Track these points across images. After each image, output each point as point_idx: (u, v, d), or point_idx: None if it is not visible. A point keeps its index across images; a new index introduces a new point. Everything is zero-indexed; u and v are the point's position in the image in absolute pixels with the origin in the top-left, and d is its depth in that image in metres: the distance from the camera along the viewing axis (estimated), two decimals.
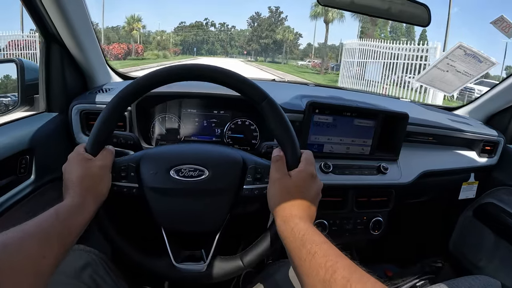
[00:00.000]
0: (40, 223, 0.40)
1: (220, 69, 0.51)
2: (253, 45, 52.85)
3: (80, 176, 0.48)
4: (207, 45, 56.58)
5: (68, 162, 0.50)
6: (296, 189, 0.48)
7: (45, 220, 0.40)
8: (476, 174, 1.09)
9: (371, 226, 0.87)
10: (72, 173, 0.48)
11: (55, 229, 0.40)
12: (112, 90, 0.86)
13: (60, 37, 0.78)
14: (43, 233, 0.39)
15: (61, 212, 0.42)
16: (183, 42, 52.93)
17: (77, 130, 0.81)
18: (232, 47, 59.25)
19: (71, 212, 0.44)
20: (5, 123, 0.73)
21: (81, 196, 0.46)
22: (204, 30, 56.62)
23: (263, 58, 52.23)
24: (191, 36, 55.00)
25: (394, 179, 0.86)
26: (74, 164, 0.49)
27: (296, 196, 0.48)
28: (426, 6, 0.79)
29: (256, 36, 52.44)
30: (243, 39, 56.62)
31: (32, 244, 0.37)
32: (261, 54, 54.30)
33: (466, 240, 1.19)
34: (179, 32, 53.28)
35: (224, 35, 58.69)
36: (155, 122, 0.82)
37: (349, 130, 0.81)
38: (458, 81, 1.12)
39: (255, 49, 53.03)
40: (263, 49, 52.54)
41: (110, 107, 0.50)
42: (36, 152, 0.72)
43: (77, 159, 0.49)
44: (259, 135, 0.83)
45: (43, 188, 0.75)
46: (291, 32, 49.15)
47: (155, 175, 0.51)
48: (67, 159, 0.51)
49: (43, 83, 0.81)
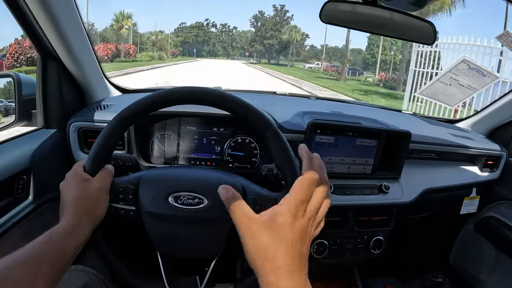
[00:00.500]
0: (31, 249, 0.40)
1: (226, 95, 0.50)
2: (256, 46, 48.93)
3: (77, 197, 0.47)
4: (208, 46, 54.44)
5: (66, 181, 0.50)
6: (276, 237, 0.37)
7: (37, 246, 0.41)
8: (478, 189, 1.08)
9: (371, 245, 0.86)
10: (69, 193, 0.48)
11: (47, 254, 0.41)
12: (110, 106, 0.84)
13: (56, 53, 0.77)
14: (34, 260, 0.39)
15: (54, 236, 0.42)
16: (183, 43, 51.11)
17: (75, 148, 0.80)
18: (233, 49, 56.69)
19: (65, 234, 0.43)
20: (3, 141, 0.72)
21: (77, 218, 0.45)
22: (204, 31, 54.67)
23: (267, 60, 48.98)
24: (191, 37, 53.06)
25: (396, 198, 0.85)
26: (71, 183, 0.48)
27: (277, 245, 0.36)
28: (431, 23, 0.78)
29: (260, 37, 48.38)
30: (245, 40, 53.63)
31: (21, 271, 0.38)
32: (265, 55, 50.62)
33: (467, 254, 1.18)
34: (180, 33, 51.52)
35: (226, 36, 56.28)
36: (154, 140, 0.81)
37: (350, 150, 0.80)
38: (461, 94, 1.11)
39: (259, 50, 49.14)
40: (267, 50, 48.62)
41: (111, 126, 0.49)
42: (34, 172, 0.71)
43: (75, 178, 0.49)
44: (259, 153, 0.82)
45: (41, 207, 0.74)
46: (298, 32, 45.19)
47: (153, 200, 0.51)
48: (65, 178, 0.50)
49: (40, 99, 0.80)
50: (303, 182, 0.40)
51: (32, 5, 0.64)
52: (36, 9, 0.65)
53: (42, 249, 0.41)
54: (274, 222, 0.37)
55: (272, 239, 0.36)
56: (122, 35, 32.08)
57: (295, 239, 0.37)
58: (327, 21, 0.73)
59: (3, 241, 0.62)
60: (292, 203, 0.38)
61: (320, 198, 0.41)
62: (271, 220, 0.37)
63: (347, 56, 29.00)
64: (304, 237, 0.38)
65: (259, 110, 0.51)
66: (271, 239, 0.36)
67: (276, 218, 0.37)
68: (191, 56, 49.45)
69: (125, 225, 0.56)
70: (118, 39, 31.96)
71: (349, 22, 0.75)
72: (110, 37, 38.52)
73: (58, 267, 0.41)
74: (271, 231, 0.36)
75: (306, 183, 0.39)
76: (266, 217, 0.38)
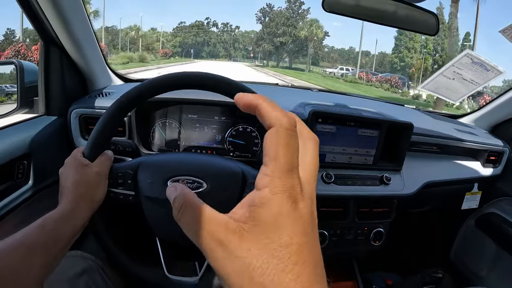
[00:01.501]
0: (24, 235, 0.40)
1: (223, 78, 0.50)
2: (264, 45, 38.41)
3: (75, 182, 0.47)
4: (208, 47, 49.19)
5: (65, 166, 0.50)
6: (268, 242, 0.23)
7: (30, 232, 0.41)
8: (480, 184, 1.07)
9: (372, 237, 0.85)
10: (68, 178, 0.48)
11: (39, 240, 0.40)
12: (112, 94, 0.85)
13: (59, 40, 0.77)
14: (27, 246, 0.39)
15: (47, 222, 0.42)
16: (182, 44, 46.33)
17: (76, 134, 0.80)
18: (235, 50, 50.85)
19: (60, 220, 0.43)
20: (3, 127, 0.72)
21: (74, 203, 0.45)
22: (205, 30, 49.72)
23: (275, 62, 39.43)
24: (190, 37, 47.74)
25: (397, 190, 0.84)
26: (70, 169, 0.48)
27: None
28: (434, 14, 0.77)
29: (269, 34, 37.79)
30: (248, 40, 46.07)
31: (14, 255, 0.38)
32: (274, 57, 40.02)
33: (467, 249, 1.18)
34: (179, 33, 46.85)
35: (227, 36, 50.14)
36: (155, 128, 0.81)
37: (352, 139, 0.80)
38: (464, 89, 1.10)
39: (267, 50, 38.68)
40: (278, 50, 38.19)
41: (110, 112, 0.49)
42: (34, 157, 0.71)
43: (73, 164, 0.49)
44: (260, 142, 0.82)
45: (41, 193, 0.74)
46: (319, 28, 33.85)
47: (152, 184, 0.51)
48: (64, 163, 0.50)
49: (42, 86, 0.80)
50: (280, 137, 0.21)
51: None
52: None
53: (35, 235, 0.40)
54: (259, 220, 0.21)
55: (261, 251, 0.20)
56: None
57: (301, 240, 0.20)
58: (329, 9, 0.72)
59: (2, 225, 0.62)
60: (279, 179, 0.21)
61: (313, 152, 0.25)
62: (253, 218, 0.21)
63: (389, 60, 22.65)
64: (313, 230, 0.22)
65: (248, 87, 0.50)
66: (260, 251, 0.20)
67: (261, 213, 0.21)
68: (187, 57, 44.46)
69: (124, 211, 0.56)
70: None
71: (352, 11, 0.74)
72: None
73: (53, 254, 0.41)
74: (257, 236, 0.20)
75: (287, 135, 0.21)
76: (244, 216, 0.22)
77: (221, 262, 0.20)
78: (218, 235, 0.21)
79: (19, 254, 0.38)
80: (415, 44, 24.66)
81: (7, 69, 0.94)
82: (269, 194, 0.21)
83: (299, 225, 0.21)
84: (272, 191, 0.21)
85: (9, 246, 0.38)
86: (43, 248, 0.40)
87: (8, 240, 0.39)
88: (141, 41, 35.69)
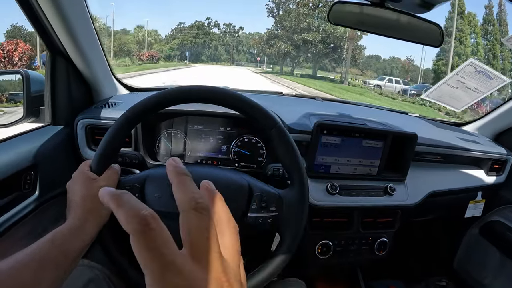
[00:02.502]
0: (34, 250, 0.41)
1: (232, 93, 0.51)
2: (279, 44, 26.70)
3: (83, 196, 0.48)
4: (209, 50, 44.04)
5: (72, 180, 0.51)
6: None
7: (40, 247, 0.41)
8: (484, 192, 1.07)
9: (376, 247, 0.85)
10: (75, 193, 0.48)
11: (50, 255, 0.41)
12: (118, 104, 0.85)
13: (65, 51, 0.78)
14: (37, 261, 0.40)
15: (57, 237, 0.43)
16: (180, 46, 41.13)
17: (82, 144, 0.80)
18: (239, 53, 45.41)
19: (69, 235, 0.44)
20: (11, 137, 0.73)
21: (82, 219, 0.46)
22: (205, 31, 44.44)
23: (290, 68, 29.37)
24: (189, 39, 42.15)
25: (401, 200, 0.85)
26: (77, 183, 0.49)
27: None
28: (438, 25, 0.78)
29: (286, 30, 26.17)
30: (254, 42, 34.77)
31: (25, 272, 0.38)
32: (288, 61, 28.71)
33: (471, 258, 1.18)
34: (178, 35, 41.86)
35: (230, 38, 44.78)
36: (160, 138, 0.82)
37: (357, 151, 0.80)
38: (468, 97, 1.10)
39: (285, 51, 26.59)
40: (299, 51, 26.74)
41: (116, 127, 0.50)
42: (41, 168, 0.72)
43: (81, 178, 0.49)
44: (265, 153, 0.83)
45: (47, 203, 0.74)
46: None
47: (159, 198, 0.51)
48: (72, 177, 0.51)
49: (49, 96, 0.81)
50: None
51: (44, 4, 0.65)
52: (47, 8, 0.65)
53: (45, 250, 0.41)
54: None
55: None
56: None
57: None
58: (334, 22, 0.73)
59: (9, 235, 0.62)
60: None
61: (233, 237, 0.25)
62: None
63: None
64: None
65: (265, 108, 0.52)
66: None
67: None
68: (182, 60, 37.82)
69: None
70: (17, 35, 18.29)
71: (356, 23, 0.75)
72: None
73: (62, 269, 0.42)
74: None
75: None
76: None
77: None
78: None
79: (30, 270, 0.39)
80: (466, 49, 17.78)
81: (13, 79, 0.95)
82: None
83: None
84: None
85: (19, 262, 0.39)
86: (53, 263, 0.41)
87: (18, 256, 0.40)
88: (113, 42, 27.26)
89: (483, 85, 1.06)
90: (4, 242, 0.61)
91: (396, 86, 18.04)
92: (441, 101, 1.09)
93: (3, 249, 0.62)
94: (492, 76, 1.06)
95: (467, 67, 1.02)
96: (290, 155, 0.51)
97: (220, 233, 0.23)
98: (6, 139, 0.72)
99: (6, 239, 0.62)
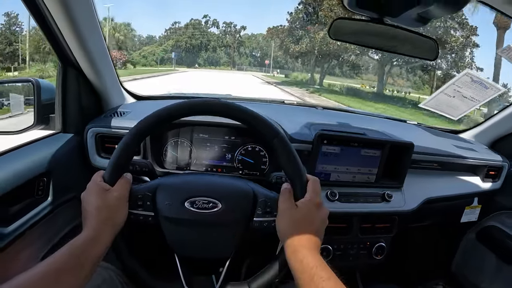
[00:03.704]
0: (52, 262, 0.43)
1: (235, 106, 0.54)
2: (305, 43, 18.19)
3: (98, 207, 0.50)
4: (207, 52, 38.77)
5: (87, 191, 0.53)
6: (303, 220, 0.52)
7: (58, 258, 0.44)
8: (480, 198, 1.10)
9: (374, 251, 0.88)
10: (90, 203, 0.51)
11: (68, 266, 0.43)
12: (127, 113, 0.88)
13: (77, 62, 0.81)
14: (55, 272, 0.42)
15: (74, 247, 0.46)
16: (174, 48, 36.18)
17: (92, 152, 0.83)
18: (241, 56, 40.20)
19: (85, 245, 0.46)
20: (23, 144, 0.76)
21: (98, 229, 0.48)
22: (202, 31, 38.71)
23: (306, 73, 22.06)
24: (184, 39, 37.12)
25: (398, 206, 0.88)
26: (92, 194, 0.51)
27: (303, 227, 0.51)
28: (434, 39, 0.81)
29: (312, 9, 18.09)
30: (268, 34, 24.75)
31: (44, 283, 0.40)
32: (310, 64, 20.55)
33: (468, 262, 1.20)
34: (172, 35, 37.27)
35: (231, 39, 39.98)
36: (167, 146, 0.85)
37: (355, 159, 0.83)
38: (464, 106, 1.13)
39: (320, 50, 17.47)
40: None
41: (128, 140, 0.53)
42: (54, 174, 0.74)
43: (95, 189, 0.52)
44: (268, 161, 0.86)
45: (59, 208, 0.77)
46: None
47: (170, 205, 0.54)
48: (86, 188, 0.53)
49: (59, 105, 0.84)
50: (317, 185, 0.55)
51: (57, 17, 0.68)
52: (61, 22, 0.69)
53: (63, 262, 0.43)
54: (303, 209, 0.52)
55: (301, 220, 0.52)
56: None
57: (320, 226, 0.54)
58: (335, 37, 0.76)
59: (23, 239, 0.65)
60: (314, 196, 0.53)
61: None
62: (301, 207, 0.52)
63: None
64: (323, 226, 0.55)
65: (267, 119, 0.55)
66: (301, 219, 0.52)
67: (304, 206, 0.52)
68: (169, 63, 32.55)
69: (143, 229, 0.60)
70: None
71: (356, 39, 0.78)
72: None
73: (80, 278, 0.44)
74: (302, 213, 0.52)
75: (318, 187, 0.55)
76: (301, 207, 0.53)
77: (284, 214, 0.54)
78: (290, 207, 0.55)
79: (49, 281, 0.41)
80: None
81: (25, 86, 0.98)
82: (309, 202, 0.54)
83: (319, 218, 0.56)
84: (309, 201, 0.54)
85: (38, 275, 0.41)
86: (71, 274, 0.43)
87: (37, 269, 0.42)
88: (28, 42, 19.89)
89: (479, 94, 1.09)
90: (18, 246, 0.64)
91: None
92: (438, 109, 1.12)
93: (18, 253, 0.65)
94: (488, 85, 1.09)
95: (463, 77, 1.05)
96: (292, 164, 0.54)
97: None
98: (20, 146, 0.75)
99: (20, 243, 0.65)
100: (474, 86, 1.08)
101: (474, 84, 1.08)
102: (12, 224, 0.62)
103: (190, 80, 16.88)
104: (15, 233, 0.63)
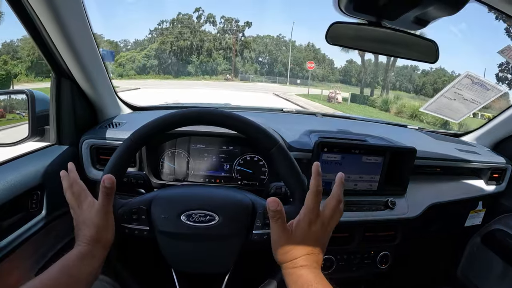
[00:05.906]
0: (46, 279, 0.42)
1: (233, 115, 0.53)
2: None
3: (90, 223, 0.48)
4: (199, 57, 28.28)
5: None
6: (298, 244, 0.48)
7: (52, 275, 0.43)
8: (484, 202, 1.08)
9: (378, 260, 0.86)
10: (79, 218, 0.50)
11: (60, 281, 0.42)
12: (122, 124, 0.87)
13: (70, 73, 0.79)
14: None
15: (67, 264, 0.45)
16: (159, 52, 27.53)
17: (87, 164, 0.82)
18: (244, 62, 29.86)
19: (78, 261, 0.45)
20: (17, 157, 0.74)
21: (90, 245, 0.47)
22: (193, 29, 28.53)
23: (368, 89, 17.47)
24: (169, 41, 27.75)
25: (402, 213, 0.86)
26: (82, 209, 0.50)
27: (299, 251, 0.48)
28: (434, 42, 0.79)
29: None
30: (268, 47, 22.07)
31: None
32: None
33: (474, 267, 1.18)
34: (158, 37, 28.54)
35: (231, 39, 30.15)
36: (164, 158, 0.83)
37: (357, 167, 0.81)
38: (465, 109, 1.11)
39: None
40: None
41: (121, 151, 0.52)
42: (48, 187, 0.73)
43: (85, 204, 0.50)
44: (267, 170, 0.84)
45: (53, 222, 0.75)
46: None
47: (166, 219, 0.52)
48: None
49: (54, 117, 0.83)
50: (311, 195, 0.49)
51: (50, 29, 0.67)
52: (53, 32, 0.67)
53: (55, 278, 0.43)
54: (296, 231, 0.48)
55: (295, 243, 0.48)
56: None
57: (317, 241, 0.49)
58: (332, 42, 0.74)
59: (17, 254, 0.63)
60: (307, 212, 0.48)
61: (331, 208, 0.50)
62: (294, 230, 0.48)
63: None
64: (319, 239, 0.50)
65: (265, 128, 0.53)
66: (294, 243, 0.48)
67: (297, 228, 0.48)
68: (168, 74, 25.28)
69: (138, 244, 0.58)
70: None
71: (354, 43, 0.76)
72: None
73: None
74: (295, 237, 0.48)
75: (314, 196, 0.48)
76: (291, 229, 0.48)
77: (279, 240, 0.49)
78: (282, 234, 0.49)
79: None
80: None
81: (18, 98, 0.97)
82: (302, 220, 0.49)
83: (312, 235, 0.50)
84: (303, 218, 0.49)
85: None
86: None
87: (32, 283, 0.41)
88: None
89: (480, 96, 1.08)
90: (11, 261, 0.62)
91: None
92: (439, 113, 1.10)
93: (11, 268, 0.63)
94: (489, 87, 1.07)
95: (464, 79, 1.03)
96: (291, 174, 0.52)
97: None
98: (13, 158, 0.73)
99: (13, 258, 0.63)
100: (474, 88, 1.06)
101: (474, 86, 1.06)
102: (4, 239, 0.61)
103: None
104: (8, 247, 0.61)
